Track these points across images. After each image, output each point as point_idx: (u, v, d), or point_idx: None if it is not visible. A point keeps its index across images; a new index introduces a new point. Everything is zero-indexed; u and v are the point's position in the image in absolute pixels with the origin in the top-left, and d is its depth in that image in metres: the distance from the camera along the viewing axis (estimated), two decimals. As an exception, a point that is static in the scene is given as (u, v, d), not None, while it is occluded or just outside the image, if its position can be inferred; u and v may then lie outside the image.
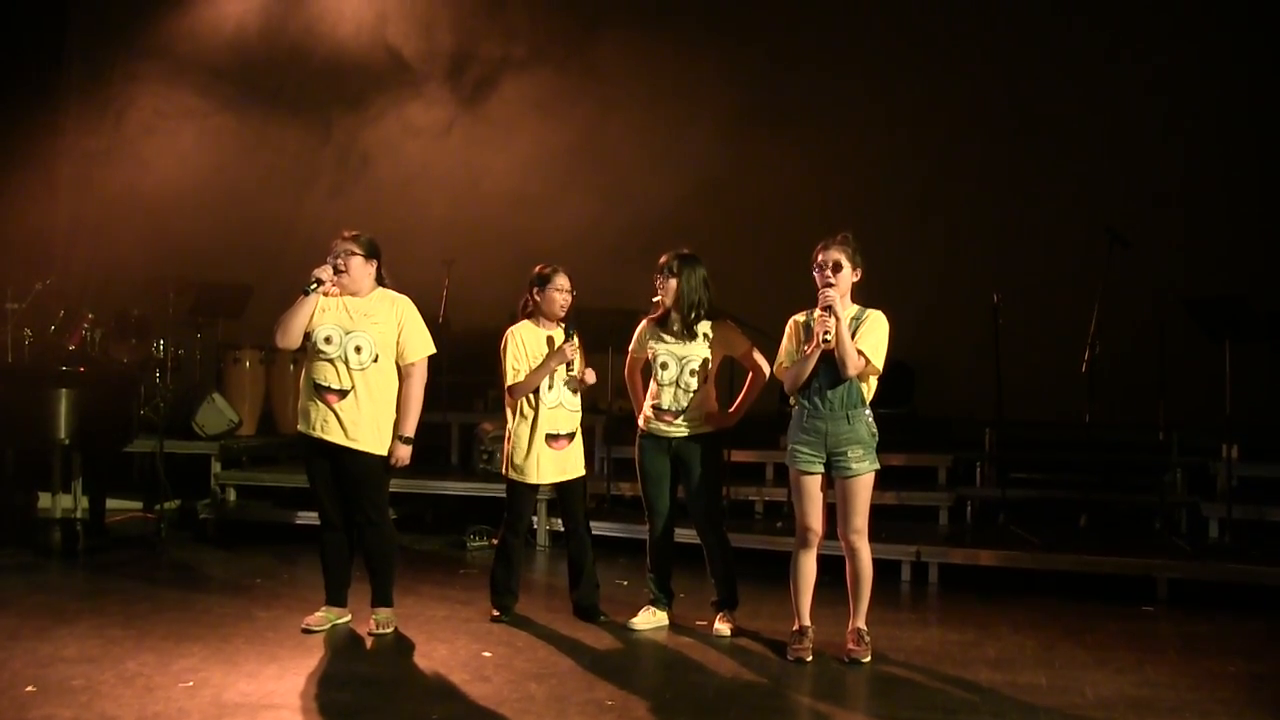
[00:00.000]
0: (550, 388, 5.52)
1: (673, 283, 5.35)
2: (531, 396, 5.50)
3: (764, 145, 9.76)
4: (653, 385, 5.47)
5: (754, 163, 9.81)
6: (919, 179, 9.43)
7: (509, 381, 5.51)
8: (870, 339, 4.85)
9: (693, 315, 5.35)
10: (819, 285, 4.85)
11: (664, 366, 5.40)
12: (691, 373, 5.35)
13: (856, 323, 4.88)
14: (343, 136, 11.30)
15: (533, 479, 5.54)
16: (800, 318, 5.02)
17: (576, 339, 5.51)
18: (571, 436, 5.59)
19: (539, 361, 5.49)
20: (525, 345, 5.52)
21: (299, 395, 5.38)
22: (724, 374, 5.65)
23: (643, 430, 5.52)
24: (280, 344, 5.29)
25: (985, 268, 8.61)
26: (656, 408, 5.43)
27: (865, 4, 9.70)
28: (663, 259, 5.42)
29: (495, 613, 5.60)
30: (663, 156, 9.98)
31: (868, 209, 8.93)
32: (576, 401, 5.61)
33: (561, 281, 5.54)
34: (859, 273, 4.94)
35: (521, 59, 10.79)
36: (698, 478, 5.41)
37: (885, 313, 4.94)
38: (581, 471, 5.67)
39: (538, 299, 5.56)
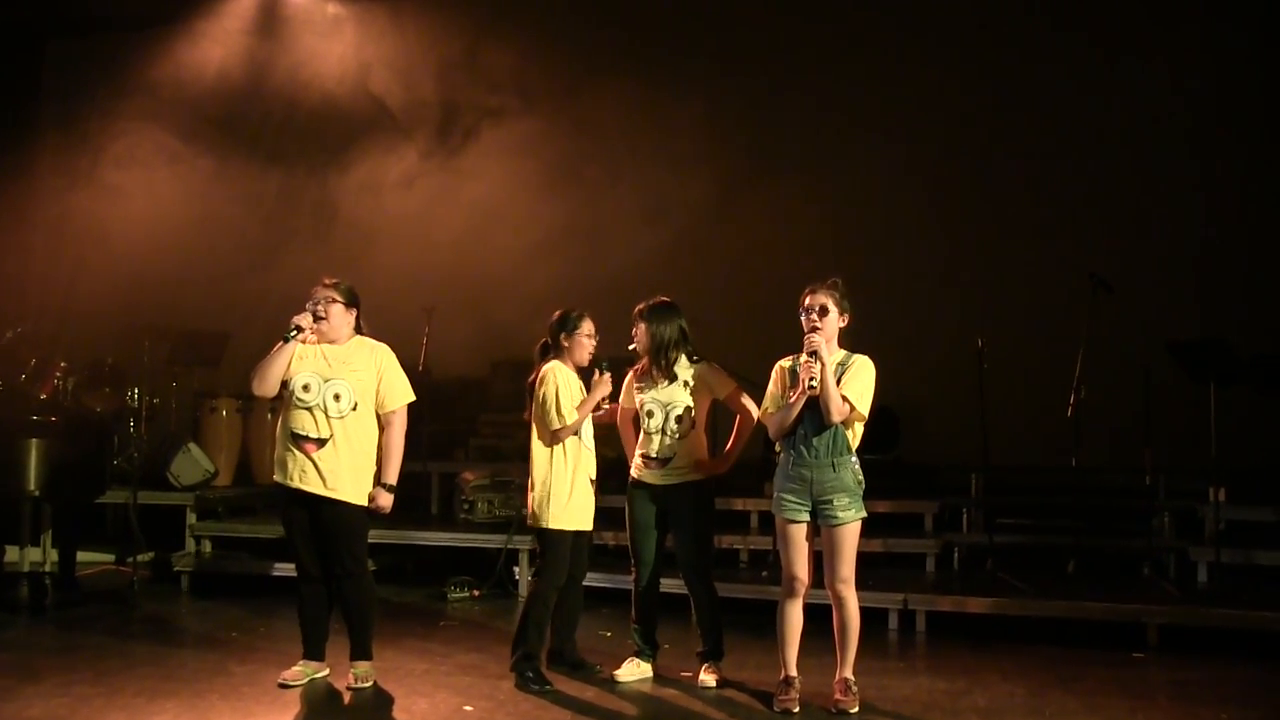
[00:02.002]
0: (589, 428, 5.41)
1: (642, 327, 5.36)
2: (572, 439, 5.33)
3: (750, 194, 9.75)
4: (642, 434, 5.43)
5: (740, 211, 9.79)
6: (904, 225, 9.43)
7: (566, 421, 5.24)
8: (855, 385, 4.80)
9: (663, 360, 5.32)
10: (805, 330, 4.81)
11: (650, 415, 5.36)
12: (677, 419, 5.31)
13: (842, 368, 4.84)
14: (323, 184, 11.20)
15: (578, 525, 5.36)
16: (786, 363, 4.98)
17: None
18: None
19: (578, 402, 5.31)
20: (571, 386, 5.32)
21: (276, 445, 5.29)
22: (711, 422, 5.58)
23: (633, 479, 5.46)
24: (257, 391, 5.23)
25: (969, 313, 8.60)
26: (645, 456, 5.39)
27: (850, 57, 9.74)
28: (637, 308, 5.42)
29: (533, 674, 5.26)
30: (649, 206, 9.96)
31: (853, 255, 8.91)
32: None
33: (589, 327, 5.42)
34: (846, 318, 4.92)
35: (506, 109, 10.77)
36: (686, 526, 5.36)
37: (871, 358, 4.90)
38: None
39: (565, 344, 5.39)
